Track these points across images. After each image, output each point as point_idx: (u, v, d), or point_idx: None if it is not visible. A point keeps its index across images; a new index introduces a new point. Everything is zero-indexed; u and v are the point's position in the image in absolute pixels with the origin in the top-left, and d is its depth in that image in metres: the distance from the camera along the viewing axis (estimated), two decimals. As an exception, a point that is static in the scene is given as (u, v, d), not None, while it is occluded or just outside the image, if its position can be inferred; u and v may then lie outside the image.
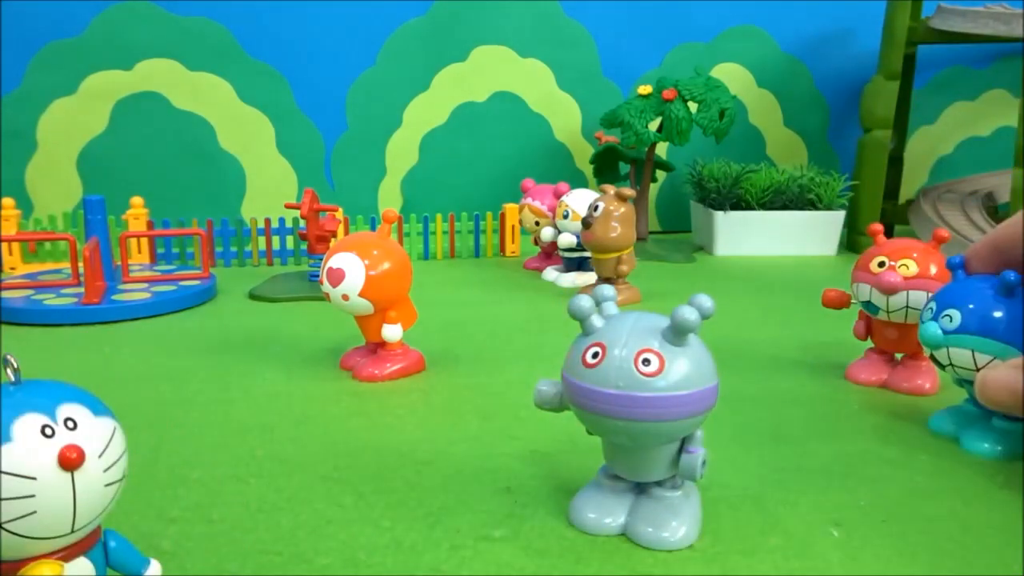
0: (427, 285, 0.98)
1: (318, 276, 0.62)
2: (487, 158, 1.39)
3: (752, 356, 0.69)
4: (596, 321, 0.37)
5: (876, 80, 1.26)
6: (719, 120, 1.16)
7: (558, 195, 1.01)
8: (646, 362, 0.34)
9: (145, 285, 0.89)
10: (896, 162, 1.36)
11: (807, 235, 1.23)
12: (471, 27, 1.34)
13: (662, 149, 1.44)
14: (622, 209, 0.86)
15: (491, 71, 1.36)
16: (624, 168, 1.31)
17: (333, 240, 0.97)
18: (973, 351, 0.47)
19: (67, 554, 0.28)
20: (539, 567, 0.36)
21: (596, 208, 0.86)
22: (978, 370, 0.46)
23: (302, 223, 1.02)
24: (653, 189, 1.44)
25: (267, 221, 1.13)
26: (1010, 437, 0.49)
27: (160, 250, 1.10)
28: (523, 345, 0.73)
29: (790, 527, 0.40)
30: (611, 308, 0.39)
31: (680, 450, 0.37)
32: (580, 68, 1.40)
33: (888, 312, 0.59)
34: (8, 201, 1.04)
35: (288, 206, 0.98)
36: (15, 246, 1.03)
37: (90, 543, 0.29)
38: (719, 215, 1.21)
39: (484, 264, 1.15)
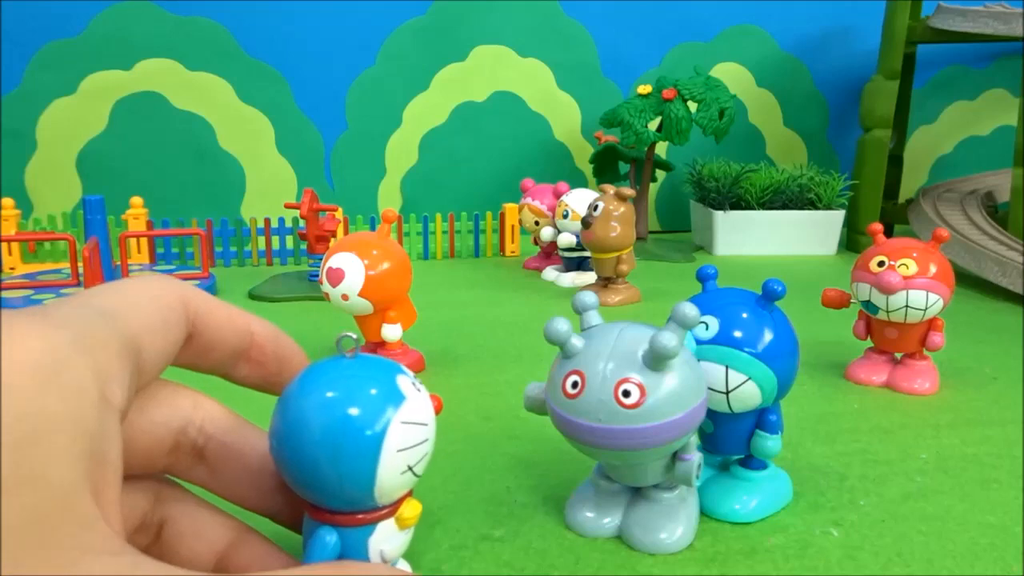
0: (427, 285, 0.98)
1: (318, 276, 0.62)
2: (487, 158, 1.39)
3: (752, 356, 0.69)
4: (575, 343, 0.35)
5: (876, 79, 1.26)
6: (719, 119, 1.16)
7: (558, 195, 1.01)
8: (626, 394, 0.33)
9: (145, 285, 0.89)
10: (896, 161, 1.36)
11: (807, 235, 1.23)
12: (470, 27, 1.34)
13: (662, 148, 1.44)
14: (622, 209, 0.86)
15: (491, 71, 1.36)
16: (624, 168, 1.31)
17: (333, 240, 0.97)
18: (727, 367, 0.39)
19: (409, 492, 0.31)
20: (539, 567, 0.36)
21: (596, 208, 0.86)
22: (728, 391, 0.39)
23: (302, 223, 1.02)
24: (653, 189, 1.44)
25: (267, 221, 1.13)
26: (759, 487, 0.42)
27: (160, 250, 1.10)
28: (523, 345, 0.73)
29: (790, 527, 0.40)
30: (593, 318, 0.37)
31: (674, 456, 0.37)
32: (580, 67, 1.40)
33: (888, 312, 0.59)
34: (8, 201, 1.04)
35: (288, 206, 0.98)
36: (15, 246, 1.03)
37: None
38: (719, 215, 1.21)
39: (484, 264, 1.15)
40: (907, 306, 0.58)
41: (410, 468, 0.28)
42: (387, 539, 0.30)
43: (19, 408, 0.19)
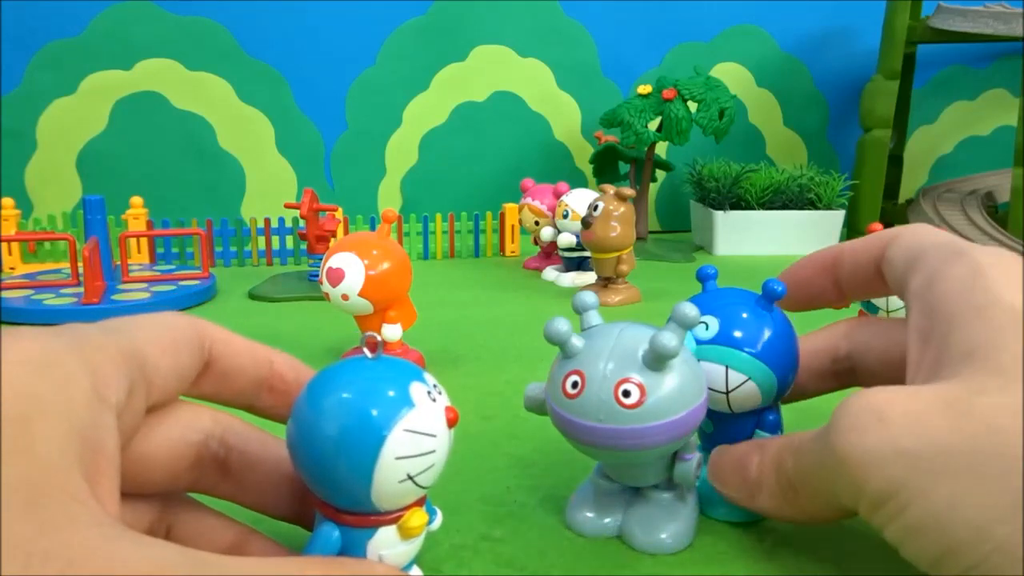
0: (427, 285, 0.98)
1: (318, 276, 0.62)
2: (487, 158, 1.39)
3: (752, 356, 0.69)
4: (575, 343, 0.35)
5: (876, 79, 1.26)
6: (719, 119, 1.16)
7: (558, 195, 1.01)
8: (626, 394, 0.33)
9: (144, 285, 0.89)
10: (896, 161, 1.36)
11: (807, 235, 1.23)
12: (471, 27, 1.34)
13: (662, 148, 1.44)
14: (622, 209, 0.86)
15: (491, 71, 1.36)
16: (624, 168, 1.31)
17: (333, 240, 0.97)
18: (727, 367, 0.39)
19: (419, 503, 0.31)
20: (539, 567, 0.36)
21: (596, 208, 0.86)
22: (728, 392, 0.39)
23: (302, 223, 1.02)
24: (653, 189, 1.44)
25: (267, 221, 1.13)
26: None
27: (160, 250, 1.10)
28: (523, 345, 0.73)
29: (790, 527, 0.40)
30: (593, 318, 0.37)
31: (674, 456, 0.37)
32: (580, 67, 1.40)
33: (888, 312, 0.59)
34: (8, 201, 1.03)
35: (288, 206, 0.98)
36: (15, 246, 1.03)
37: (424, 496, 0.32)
38: (719, 215, 1.21)
39: (484, 264, 1.15)
40: (907, 306, 0.58)
41: (410, 477, 0.28)
42: (387, 545, 0.30)
43: (8, 392, 0.21)
